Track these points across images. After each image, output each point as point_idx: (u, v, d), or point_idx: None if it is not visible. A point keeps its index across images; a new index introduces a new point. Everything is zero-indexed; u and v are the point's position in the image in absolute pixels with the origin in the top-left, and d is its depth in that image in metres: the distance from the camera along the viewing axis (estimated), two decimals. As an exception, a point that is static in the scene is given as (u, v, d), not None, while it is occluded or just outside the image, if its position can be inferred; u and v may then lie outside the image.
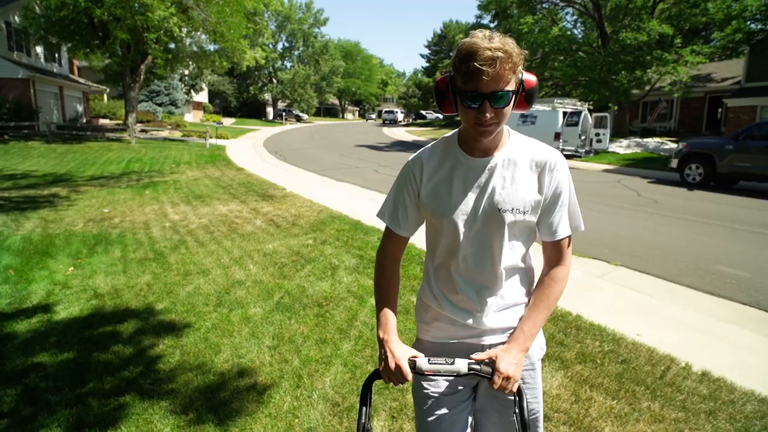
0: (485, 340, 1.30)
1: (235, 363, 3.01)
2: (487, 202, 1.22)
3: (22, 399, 2.62)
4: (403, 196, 1.32)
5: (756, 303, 4.29)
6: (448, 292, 1.31)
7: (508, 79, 1.09)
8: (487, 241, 1.24)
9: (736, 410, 2.56)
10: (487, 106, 1.09)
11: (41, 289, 4.28)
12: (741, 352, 3.31)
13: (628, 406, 2.59)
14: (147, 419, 2.45)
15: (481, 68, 1.05)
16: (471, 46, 1.06)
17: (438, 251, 1.32)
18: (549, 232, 1.27)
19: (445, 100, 1.19)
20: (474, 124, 1.14)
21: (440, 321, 1.33)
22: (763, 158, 10.58)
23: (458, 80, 1.12)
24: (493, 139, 1.21)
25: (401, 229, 1.34)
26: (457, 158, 1.26)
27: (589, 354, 3.14)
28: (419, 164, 1.30)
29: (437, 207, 1.26)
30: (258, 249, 5.50)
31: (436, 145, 1.32)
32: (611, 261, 5.46)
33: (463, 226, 1.24)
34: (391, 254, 1.38)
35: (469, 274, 1.27)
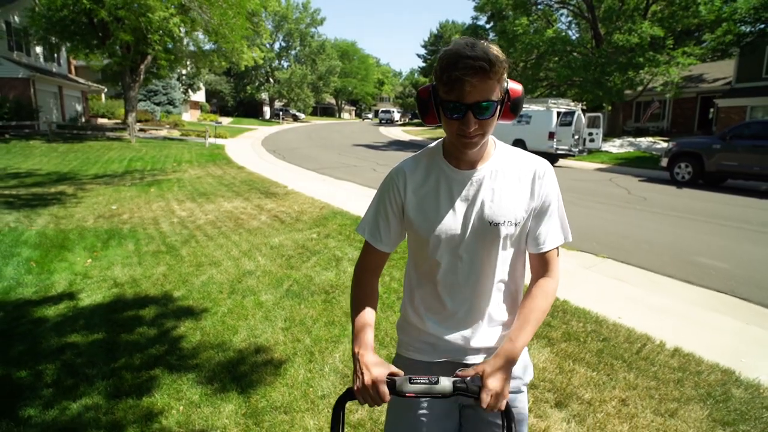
0: (471, 359, 1.25)
1: (252, 342, 3.31)
2: (476, 216, 1.17)
3: (62, 372, 2.91)
4: (385, 209, 1.25)
5: (731, 291, 4.61)
6: (432, 308, 1.26)
7: (493, 89, 1.04)
8: (476, 257, 1.19)
9: (701, 379, 2.88)
10: (471, 117, 1.04)
11: (63, 279, 4.56)
12: (712, 332, 3.64)
13: (606, 376, 2.91)
14: (177, 388, 2.74)
15: (464, 78, 1.00)
16: (453, 55, 1.02)
17: (422, 266, 1.26)
18: (537, 244, 1.21)
19: (427, 110, 1.14)
20: (458, 135, 1.09)
21: (423, 339, 1.27)
22: (749, 157, 10.95)
23: (440, 90, 1.07)
24: (479, 151, 1.16)
25: (382, 244, 1.26)
26: (443, 170, 1.20)
27: (573, 333, 3.45)
28: (402, 175, 1.23)
29: (424, 222, 1.20)
30: (265, 242, 5.79)
31: (419, 156, 1.26)
32: (599, 254, 5.78)
33: (452, 241, 1.18)
34: (370, 268, 1.30)
35: (456, 290, 1.22)
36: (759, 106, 20.32)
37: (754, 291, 4.57)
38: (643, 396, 2.71)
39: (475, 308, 1.22)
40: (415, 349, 1.29)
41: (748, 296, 4.47)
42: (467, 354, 1.25)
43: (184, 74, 37.75)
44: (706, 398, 2.70)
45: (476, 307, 1.22)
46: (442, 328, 1.25)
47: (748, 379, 2.89)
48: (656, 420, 2.51)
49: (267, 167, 14.58)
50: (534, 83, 25.50)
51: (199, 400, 2.65)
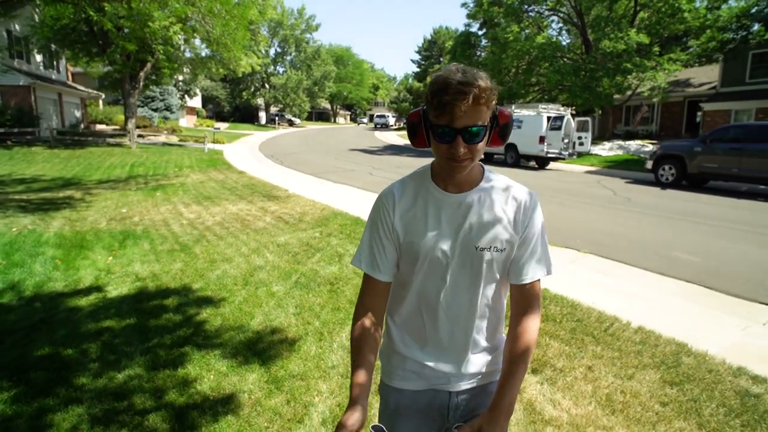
0: (456, 386, 1.25)
1: (268, 324, 3.74)
2: (463, 240, 1.17)
3: (103, 350, 3.33)
4: (378, 235, 1.23)
5: (700, 281, 5.08)
6: (416, 334, 1.25)
7: (482, 114, 1.06)
8: (462, 281, 1.19)
9: (658, 350, 3.34)
10: (460, 142, 1.06)
11: (89, 274, 4.97)
12: (675, 315, 4.10)
13: (576, 349, 3.37)
14: (206, 362, 3.17)
15: (454, 102, 1.02)
16: (444, 80, 1.04)
17: (406, 290, 1.24)
18: (519, 274, 1.21)
19: (417, 134, 1.15)
20: (447, 159, 1.10)
21: (407, 365, 1.26)
22: (727, 159, 11.49)
23: (431, 114, 1.09)
24: (468, 175, 1.17)
25: (381, 273, 1.22)
26: (431, 193, 1.20)
27: (551, 315, 3.91)
28: (391, 198, 1.23)
29: (411, 245, 1.19)
30: (271, 241, 6.23)
31: (407, 179, 1.26)
32: (581, 249, 6.25)
33: (438, 264, 1.18)
34: (372, 307, 1.22)
35: (440, 316, 1.21)
36: (743, 109, 20.98)
37: (720, 281, 5.04)
38: (607, 364, 3.17)
39: (460, 334, 1.22)
40: (399, 377, 1.28)
41: (713, 285, 4.94)
42: (452, 381, 1.24)
43: (180, 80, 38.14)
44: (660, 365, 3.16)
45: (461, 334, 1.22)
46: (427, 354, 1.24)
47: (698, 350, 3.36)
48: (616, 382, 2.96)
49: (267, 172, 15.01)
50: (525, 88, 26.12)
51: (226, 370, 3.08)
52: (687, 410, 2.69)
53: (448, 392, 1.26)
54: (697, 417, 2.63)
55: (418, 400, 1.26)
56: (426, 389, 1.26)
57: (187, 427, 2.52)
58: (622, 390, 2.88)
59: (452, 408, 1.26)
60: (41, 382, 2.92)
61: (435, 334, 1.22)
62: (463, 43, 29.71)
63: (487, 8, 25.75)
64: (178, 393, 2.82)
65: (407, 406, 1.27)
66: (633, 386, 2.92)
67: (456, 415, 1.27)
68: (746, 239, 6.89)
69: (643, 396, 2.82)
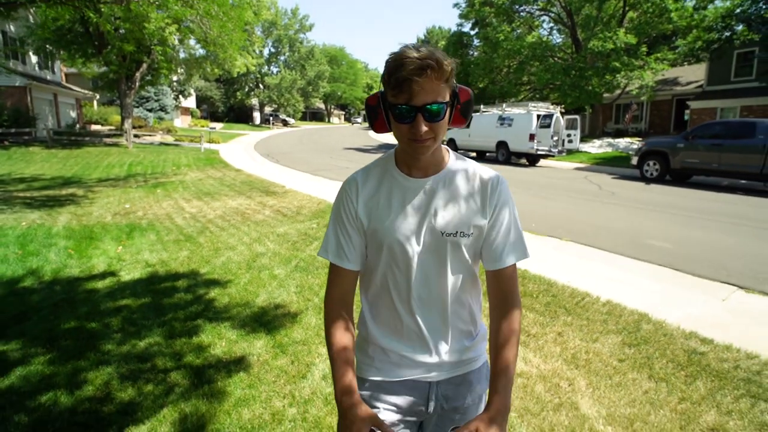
0: (434, 376, 1.22)
1: (271, 302, 4.11)
2: (429, 226, 1.14)
3: (124, 323, 3.69)
4: (342, 223, 1.19)
5: (669, 264, 5.49)
6: (390, 323, 1.22)
7: (441, 91, 1.03)
8: (431, 268, 1.16)
9: (621, 319, 3.75)
10: (421, 120, 1.03)
11: (102, 262, 5.32)
12: (641, 291, 4.51)
13: (549, 318, 3.76)
14: (217, 332, 3.54)
15: (412, 78, 0.99)
16: (399, 57, 1.01)
17: (375, 280, 1.21)
18: (494, 258, 1.17)
19: (376, 117, 1.12)
20: (409, 140, 1.07)
21: (383, 356, 1.23)
22: (708, 155, 11.96)
23: (389, 94, 1.05)
24: (432, 157, 1.15)
25: (349, 262, 1.19)
26: (395, 179, 1.17)
27: (528, 292, 4.31)
28: (354, 186, 1.20)
29: (375, 232, 1.16)
30: (271, 231, 6.60)
31: (370, 166, 1.23)
32: (563, 238, 6.66)
33: (405, 251, 1.14)
34: (341, 298, 1.20)
35: (414, 303, 1.17)
36: (728, 107, 21.51)
37: (688, 264, 5.46)
38: (575, 330, 3.57)
39: (437, 323, 1.19)
40: (376, 369, 1.24)
41: (681, 268, 5.35)
42: (430, 370, 1.21)
43: (175, 81, 38.34)
44: (622, 331, 3.56)
45: (437, 322, 1.19)
46: (402, 344, 1.21)
47: (657, 319, 3.76)
48: (581, 344, 3.36)
49: (263, 170, 15.35)
50: (517, 87, 26.61)
51: (236, 338, 3.45)
52: (641, 365, 3.09)
53: (427, 382, 1.22)
54: (649, 370, 3.03)
55: (396, 392, 1.22)
56: (404, 380, 1.22)
57: (205, 381, 2.89)
58: (586, 350, 3.28)
59: (432, 399, 1.23)
60: (71, 348, 3.27)
61: (410, 323, 1.19)
62: (455, 43, 30.17)
63: (479, 8, 26.21)
64: (194, 356, 3.19)
65: (385, 400, 1.21)
66: (596, 347, 3.32)
67: (437, 406, 1.23)
68: (718, 228, 7.33)
69: (604, 355, 3.22)
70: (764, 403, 2.68)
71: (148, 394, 2.76)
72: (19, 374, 2.94)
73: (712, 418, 2.56)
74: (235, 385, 2.85)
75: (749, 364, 3.09)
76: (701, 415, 2.59)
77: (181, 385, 2.85)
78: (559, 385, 2.87)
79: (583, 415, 2.59)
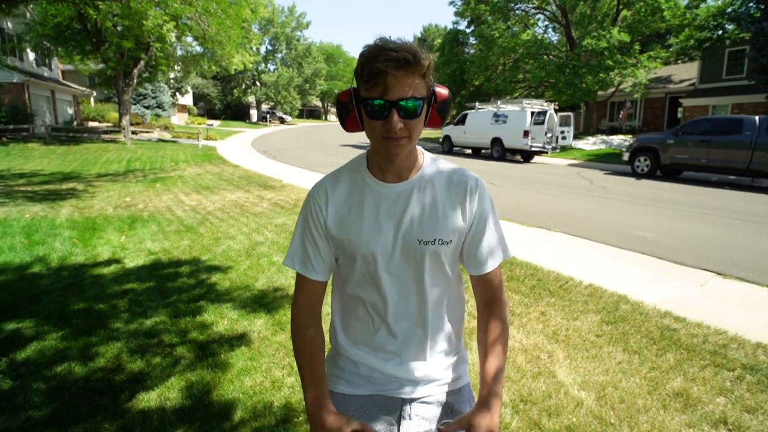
0: (408, 392, 1.14)
1: (271, 285, 4.32)
2: (405, 234, 1.07)
3: (131, 304, 3.89)
4: (310, 233, 1.13)
5: (652, 253, 5.72)
6: (361, 335, 1.16)
7: (418, 87, 0.98)
8: (407, 278, 1.10)
9: (602, 300, 3.97)
10: (396, 116, 0.97)
11: (106, 250, 5.51)
12: (622, 276, 4.74)
13: (534, 300, 3.98)
14: (220, 311, 3.74)
15: (387, 71, 0.93)
16: (374, 48, 0.95)
17: (348, 291, 1.16)
18: (478, 264, 1.13)
19: (348, 114, 1.05)
20: (382, 138, 1.00)
21: (355, 370, 1.17)
22: (697, 151, 12.22)
23: (362, 89, 0.99)
24: (407, 159, 1.08)
25: (316, 273, 1.13)
26: (367, 184, 1.11)
27: (515, 276, 4.53)
28: (323, 192, 1.13)
29: (347, 242, 1.09)
30: (270, 222, 6.80)
31: (340, 170, 1.16)
32: (552, 228, 6.88)
33: (379, 262, 1.09)
34: (308, 308, 1.15)
35: (389, 317, 1.12)
36: (720, 105, 21.79)
37: (670, 252, 5.69)
38: (558, 310, 3.79)
39: (414, 335, 1.13)
40: (346, 382, 1.17)
41: (662, 256, 5.58)
42: (404, 386, 1.14)
43: (172, 78, 38.39)
44: (601, 310, 3.78)
45: (415, 335, 1.13)
46: (375, 357, 1.14)
47: (634, 300, 3.99)
48: (562, 322, 3.58)
49: (261, 165, 15.53)
50: (512, 85, 26.84)
51: (237, 317, 3.65)
52: (616, 340, 3.32)
53: (400, 399, 1.14)
54: (624, 344, 3.26)
55: (366, 407, 1.15)
56: (375, 395, 1.15)
57: (209, 354, 3.09)
58: (567, 327, 3.50)
59: (405, 418, 1.14)
60: (82, 326, 3.47)
61: (384, 335, 1.13)
62: (451, 40, 30.36)
63: (474, 6, 26.42)
64: (198, 333, 3.39)
65: (355, 416, 1.12)
66: (576, 325, 3.54)
67: (409, 427, 1.14)
68: (702, 220, 7.57)
69: (583, 331, 3.44)
70: (727, 372, 2.91)
71: (156, 365, 2.96)
72: (35, 348, 3.13)
73: (678, 384, 2.78)
74: (237, 358, 3.05)
75: (717, 339, 3.32)
76: (668, 381, 2.81)
77: (187, 358, 3.05)
78: (539, 357, 3.09)
79: (560, 382, 2.81)
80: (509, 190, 10.45)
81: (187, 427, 2.37)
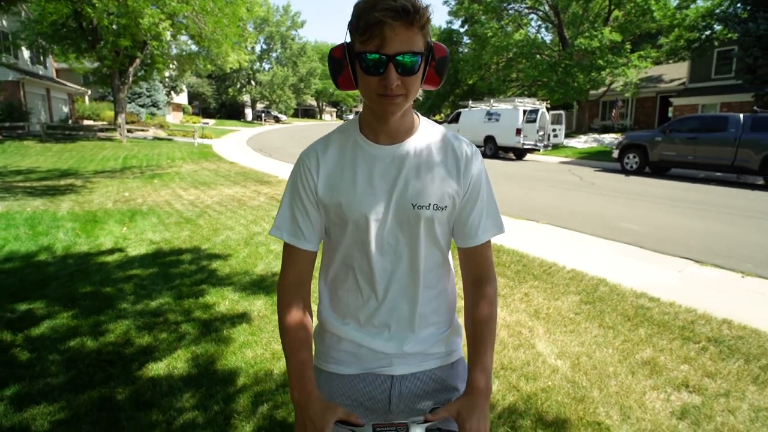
0: (398, 368, 1.10)
1: (269, 270, 4.53)
2: (399, 198, 1.02)
3: (136, 288, 4.09)
4: (300, 199, 1.07)
5: (634, 243, 5.97)
6: (350, 309, 1.10)
7: (417, 41, 0.90)
8: (401, 245, 1.05)
9: (582, 283, 4.21)
10: (393, 71, 0.90)
11: (108, 240, 5.69)
12: (606, 263, 4.98)
13: (518, 283, 4.22)
14: (221, 294, 3.95)
15: (385, 21, 0.86)
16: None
17: (338, 260, 1.09)
18: (468, 235, 1.08)
19: (341, 71, 0.98)
20: (377, 96, 0.94)
21: (342, 347, 1.11)
22: (684, 148, 12.52)
23: (356, 42, 0.92)
24: (402, 120, 1.03)
25: (306, 242, 1.07)
26: (360, 146, 1.05)
27: (501, 262, 4.76)
28: (314, 156, 1.07)
29: (339, 207, 1.03)
30: (267, 215, 7.00)
31: (332, 133, 1.11)
32: (540, 221, 7.12)
33: (371, 227, 1.03)
34: (296, 282, 1.09)
35: (380, 286, 1.06)
36: (709, 104, 22.16)
37: (651, 242, 5.94)
38: (540, 291, 4.03)
39: (403, 307, 1.08)
40: (334, 360, 1.12)
41: (645, 246, 5.84)
42: (394, 363, 1.09)
43: (167, 77, 38.42)
44: (581, 292, 4.02)
45: (404, 306, 1.08)
46: (364, 333, 1.09)
47: (612, 282, 4.23)
48: (544, 302, 3.82)
49: (257, 162, 15.71)
50: (505, 84, 27.14)
51: (237, 299, 3.86)
52: (593, 317, 3.55)
53: (390, 376, 1.10)
54: (600, 321, 3.49)
55: (355, 386, 1.10)
56: (364, 373, 1.10)
57: (212, 330, 3.30)
58: (548, 307, 3.73)
59: (395, 396, 1.10)
60: (91, 307, 3.67)
61: (374, 307, 1.07)
62: (445, 39, 30.64)
63: (468, 6, 26.70)
64: (201, 312, 3.60)
65: (343, 395, 1.10)
66: (557, 304, 3.77)
67: (400, 404, 1.10)
68: (685, 214, 7.84)
69: (562, 310, 3.68)
70: (693, 344, 3.15)
71: (163, 340, 3.17)
72: (48, 326, 3.33)
73: (647, 354, 3.02)
74: (238, 333, 3.26)
75: (687, 316, 3.56)
76: (638, 352, 3.05)
77: (192, 334, 3.26)
78: (521, 332, 3.32)
79: (539, 352, 3.04)
80: (500, 185, 10.69)
81: (194, 391, 2.58)
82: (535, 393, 2.59)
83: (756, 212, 8.00)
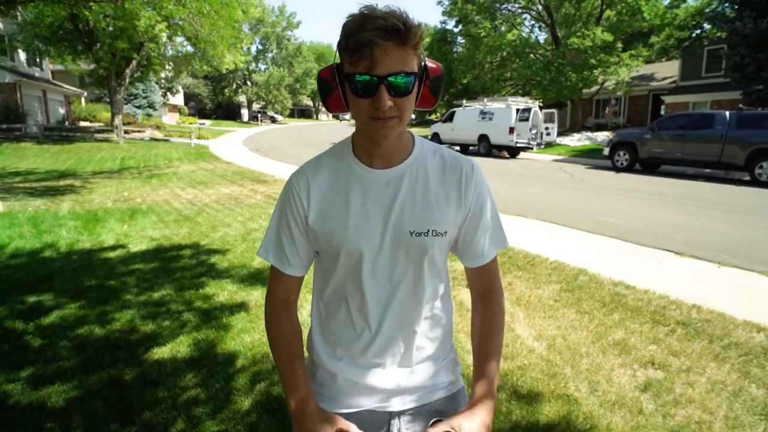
0: (396, 404, 1.05)
1: (266, 264, 4.73)
2: (395, 225, 0.97)
3: (139, 281, 4.29)
4: (288, 224, 1.02)
5: (618, 236, 6.20)
6: (343, 343, 1.05)
7: (409, 60, 0.86)
8: (397, 275, 1.00)
9: (564, 273, 4.44)
10: (385, 93, 0.85)
11: (110, 238, 5.88)
12: (586, 254, 5.21)
13: (502, 273, 4.43)
14: (220, 286, 4.15)
15: (375, 41, 0.82)
16: (360, 17, 0.84)
17: (331, 291, 1.05)
18: (475, 255, 1.05)
19: (330, 93, 0.93)
20: (369, 119, 0.89)
21: (335, 382, 1.06)
22: (672, 145, 12.78)
23: (346, 63, 0.88)
24: (396, 143, 0.98)
25: (291, 267, 1.03)
26: (353, 170, 1.00)
27: (488, 254, 4.98)
28: (304, 181, 1.01)
29: (331, 235, 0.98)
30: (263, 212, 7.21)
31: (324, 156, 1.05)
32: (528, 216, 7.35)
33: (366, 257, 0.98)
34: (282, 300, 1.06)
35: (373, 318, 1.01)
36: (700, 102, 22.45)
37: (635, 236, 6.17)
38: (523, 281, 4.25)
39: (400, 341, 1.03)
40: (327, 398, 1.06)
41: (628, 239, 6.07)
42: (391, 398, 1.05)
43: (163, 78, 38.52)
44: (563, 281, 4.25)
45: (402, 340, 1.03)
46: (359, 368, 1.05)
47: (592, 272, 4.46)
48: (526, 290, 4.04)
49: (253, 162, 15.89)
50: (499, 83, 27.39)
51: (236, 290, 4.07)
52: (571, 304, 3.78)
53: (388, 413, 1.05)
54: (577, 307, 3.72)
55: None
56: (360, 411, 1.05)
57: (212, 318, 3.51)
58: (529, 294, 3.95)
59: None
60: (97, 298, 3.87)
61: (368, 341, 1.03)
62: (439, 40, 30.88)
63: (462, 6, 26.93)
64: (202, 302, 3.80)
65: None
66: (538, 292, 4.00)
67: None
68: (670, 208, 8.09)
69: (543, 297, 3.90)
70: (662, 327, 3.38)
71: (166, 327, 3.37)
72: (57, 315, 3.53)
73: (619, 336, 3.25)
74: (237, 321, 3.47)
75: (660, 302, 3.79)
76: (610, 334, 3.27)
77: (193, 322, 3.47)
78: (503, 318, 3.54)
79: (518, 335, 3.26)
80: (492, 183, 10.64)
81: (196, 372, 2.79)
82: (512, 370, 2.80)
83: (739, 207, 8.26)
